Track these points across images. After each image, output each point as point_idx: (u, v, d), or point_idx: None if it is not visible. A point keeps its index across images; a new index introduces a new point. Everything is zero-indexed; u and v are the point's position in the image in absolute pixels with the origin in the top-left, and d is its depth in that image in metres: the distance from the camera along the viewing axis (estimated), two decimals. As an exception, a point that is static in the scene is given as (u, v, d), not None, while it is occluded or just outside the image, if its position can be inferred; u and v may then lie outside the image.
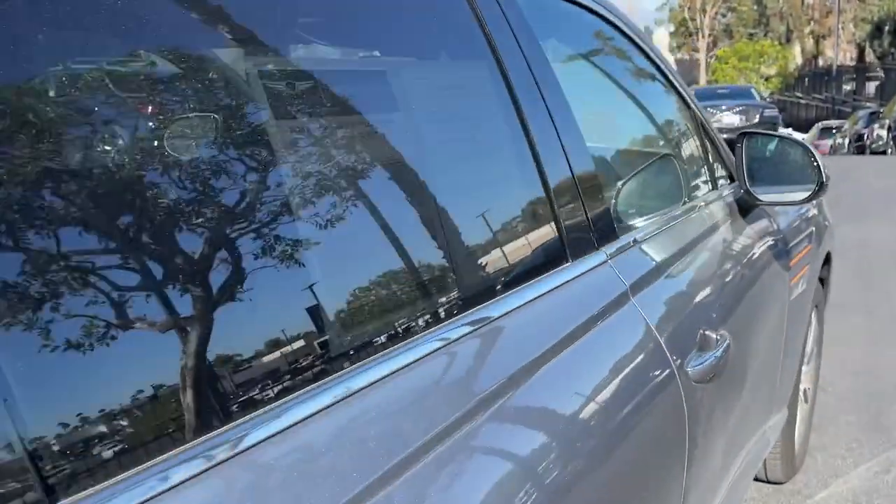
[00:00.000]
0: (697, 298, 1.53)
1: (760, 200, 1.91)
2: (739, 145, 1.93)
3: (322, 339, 0.70)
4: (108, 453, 0.50)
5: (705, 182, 1.98)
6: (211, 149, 0.64)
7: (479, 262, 1.02)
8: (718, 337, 1.47)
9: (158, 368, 0.56)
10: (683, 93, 1.89)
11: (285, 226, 0.69)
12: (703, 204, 1.87)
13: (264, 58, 0.76)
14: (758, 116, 15.44)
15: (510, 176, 1.13)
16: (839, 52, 39.40)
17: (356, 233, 0.80)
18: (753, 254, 1.98)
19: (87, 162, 0.54)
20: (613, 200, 1.84)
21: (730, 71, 41.35)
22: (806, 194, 1.87)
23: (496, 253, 1.05)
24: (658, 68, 1.81)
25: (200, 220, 0.61)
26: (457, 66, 1.13)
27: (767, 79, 41.65)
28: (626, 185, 1.91)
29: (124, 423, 0.52)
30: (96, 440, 0.50)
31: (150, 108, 0.60)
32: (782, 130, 16.98)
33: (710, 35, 51.16)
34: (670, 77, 1.84)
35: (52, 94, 0.54)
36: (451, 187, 1.00)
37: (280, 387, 0.63)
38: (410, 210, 0.93)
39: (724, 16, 52.51)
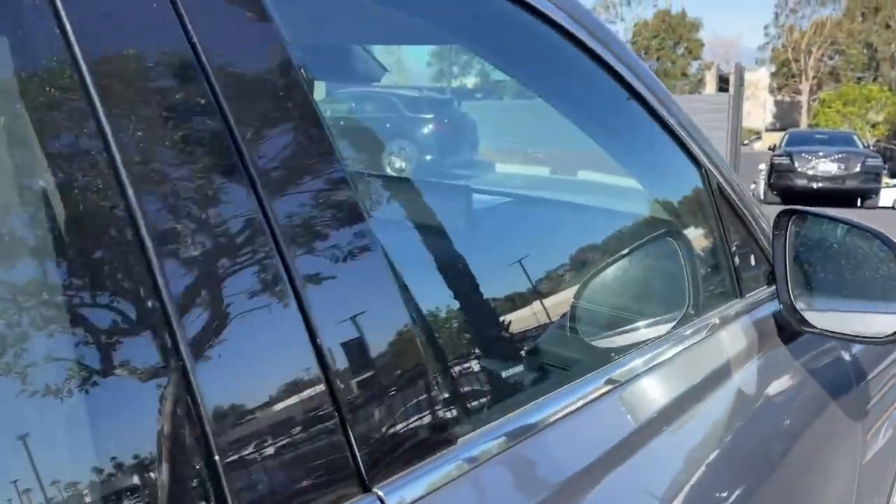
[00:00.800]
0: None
1: (812, 326, 1.16)
2: (780, 232, 1.19)
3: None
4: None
5: (723, 284, 1.23)
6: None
7: None
8: None
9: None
10: (690, 141, 1.16)
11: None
12: (716, 322, 1.14)
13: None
14: (859, 165, 14.07)
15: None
16: (956, 101, 36.75)
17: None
18: (797, 407, 1.22)
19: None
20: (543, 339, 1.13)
21: (833, 115, 39.08)
22: (891, 326, 1.11)
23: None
24: (645, 103, 1.09)
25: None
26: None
27: (874, 125, 39.15)
28: (585, 288, 1.20)
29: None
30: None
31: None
32: (887, 180, 15.52)
33: (814, 77, 48.88)
34: (667, 117, 1.12)
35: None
36: None
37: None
38: None
39: (830, 58, 50.12)
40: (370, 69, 1.51)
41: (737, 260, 1.22)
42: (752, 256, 1.29)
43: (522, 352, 1.12)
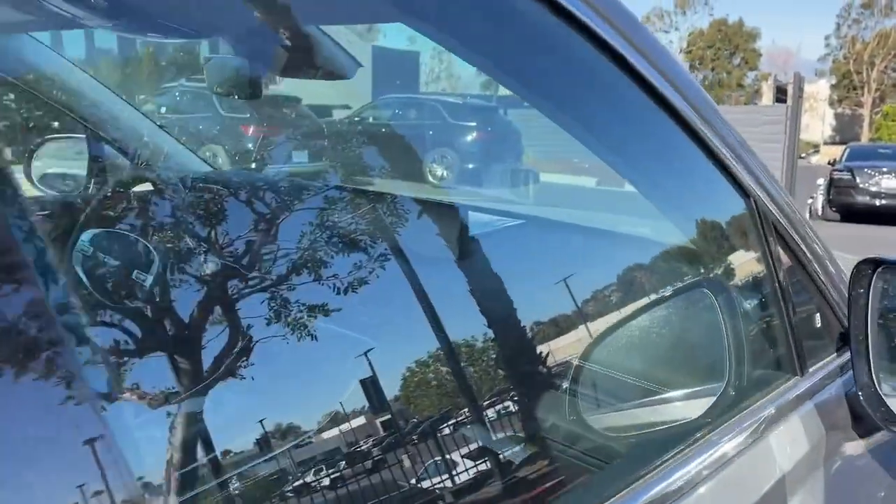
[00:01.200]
0: None
1: (904, 425, 0.83)
2: (860, 289, 0.87)
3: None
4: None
5: (778, 355, 0.92)
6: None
7: None
8: None
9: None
10: (737, 165, 0.85)
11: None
12: (771, 413, 0.82)
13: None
14: (926, 183, 13.28)
15: None
16: None
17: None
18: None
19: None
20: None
21: (897, 129, 37.64)
22: None
23: None
24: (675, 113, 0.79)
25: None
26: None
27: (941, 141, 37.50)
28: (592, 351, 0.90)
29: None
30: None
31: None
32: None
33: (876, 90, 47.23)
34: (705, 133, 0.81)
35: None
36: None
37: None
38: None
39: (894, 70, 48.35)
40: (341, 64, 1.24)
41: (797, 322, 0.90)
42: (819, 316, 0.97)
43: (498, 439, 0.82)
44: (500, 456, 0.84)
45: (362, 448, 0.74)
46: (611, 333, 0.95)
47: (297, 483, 0.64)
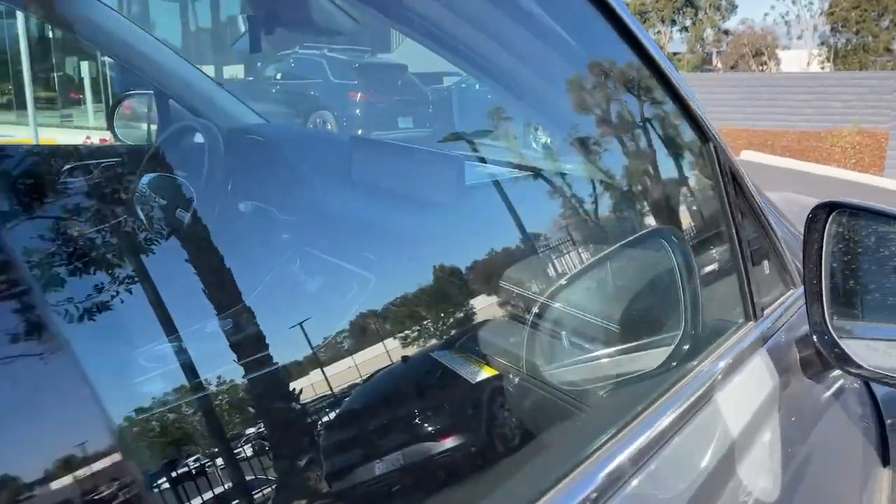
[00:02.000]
0: None
1: (855, 365, 0.83)
2: (814, 233, 0.86)
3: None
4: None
5: (733, 301, 0.92)
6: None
7: None
8: None
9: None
10: (697, 108, 0.86)
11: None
12: (728, 363, 0.83)
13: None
14: None
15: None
16: None
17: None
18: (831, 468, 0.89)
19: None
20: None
21: None
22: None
23: None
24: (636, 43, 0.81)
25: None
26: None
27: None
28: (544, 307, 0.92)
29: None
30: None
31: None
32: None
33: None
34: (667, 70, 0.83)
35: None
36: None
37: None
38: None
39: None
40: (332, 20, 1.27)
41: (751, 268, 0.90)
42: (775, 260, 0.96)
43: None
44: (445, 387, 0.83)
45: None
46: (567, 284, 0.94)
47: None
